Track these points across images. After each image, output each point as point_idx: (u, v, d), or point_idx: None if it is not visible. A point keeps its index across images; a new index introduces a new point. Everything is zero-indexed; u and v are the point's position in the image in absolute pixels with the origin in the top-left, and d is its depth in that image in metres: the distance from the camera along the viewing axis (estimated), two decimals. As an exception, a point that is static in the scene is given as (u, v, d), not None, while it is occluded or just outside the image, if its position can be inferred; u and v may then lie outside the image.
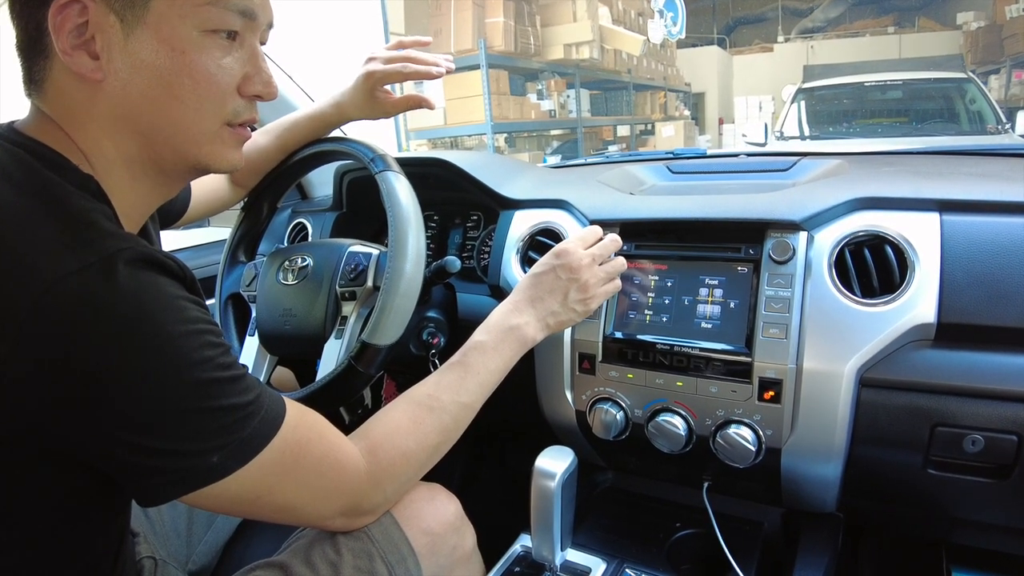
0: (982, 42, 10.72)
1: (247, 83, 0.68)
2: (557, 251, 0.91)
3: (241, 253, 1.12)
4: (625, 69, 9.24)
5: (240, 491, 0.60)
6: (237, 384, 0.59)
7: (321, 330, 0.96)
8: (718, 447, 0.89)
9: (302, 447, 0.64)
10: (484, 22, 6.50)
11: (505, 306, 0.89)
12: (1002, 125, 4.85)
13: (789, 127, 5.56)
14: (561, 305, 0.89)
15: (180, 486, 0.57)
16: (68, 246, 0.52)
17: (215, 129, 0.67)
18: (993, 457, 0.80)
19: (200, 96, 0.63)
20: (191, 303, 0.57)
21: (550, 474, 0.81)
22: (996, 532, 1.00)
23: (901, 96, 5.64)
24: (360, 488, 0.70)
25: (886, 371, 0.82)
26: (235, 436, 0.58)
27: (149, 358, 0.53)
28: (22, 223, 0.53)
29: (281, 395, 0.66)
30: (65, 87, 0.60)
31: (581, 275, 0.89)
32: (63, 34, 0.57)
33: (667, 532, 1.02)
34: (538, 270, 0.91)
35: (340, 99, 1.04)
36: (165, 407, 0.54)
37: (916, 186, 0.92)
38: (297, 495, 0.65)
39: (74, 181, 0.59)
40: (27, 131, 0.61)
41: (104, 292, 0.51)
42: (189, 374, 0.55)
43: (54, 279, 0.50)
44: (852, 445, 0.85)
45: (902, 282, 0.83)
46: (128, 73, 0.60)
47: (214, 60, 0.64)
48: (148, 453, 0.54)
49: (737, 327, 0.89)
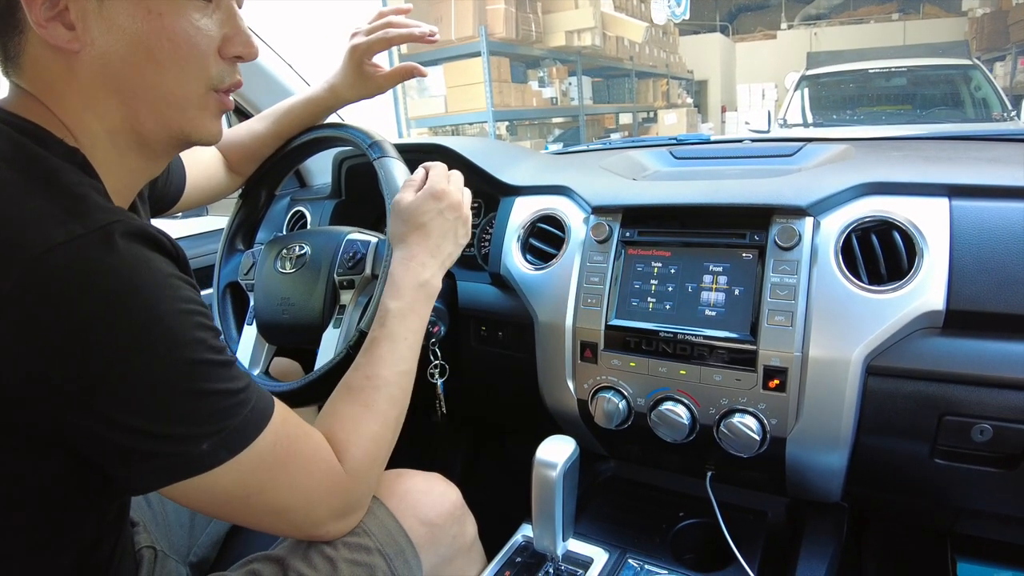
0: (988, 29, 10.62)
1: (227, 44, 0.67)
2: (435, 193, 0.86)
3: (239, 241, 1.11)
4: (627, 56, 9.18)
5: (230, 486, 0.59)
6: (228, 369, 0.58)
7: (319, 319, 0.95)
8: (722, 436, 0.88)
9: (292, 443, 0.63)
10: (485, 9, 6.44)
11: (404, 264, 0.84)
12: (1007, 112, 4.81)
13: (792, 115, 5.52)
14: (454, 245, 0.89)
15: (167, 474, 0.55)
16: (58, 218, 0.51)
17: (200, 93, 0.66)
18: (1001, 447, 0.79)
19: (181, 59, 0.63)
20: (184, 282, 0.56)
21: (551, 464, 0.80)
22: (1002, 522, 0.99)
23: (905, 83, 5.59)
24: (345, 486, 0.69)
25: (894, 359, 0.81)
26: (226, 423, 0.57)
27: (140, 333, 0.51)
28: (10, 195, 0.52)
29: (266, 390, 0.65)
30: (42, 61, 0.59)
31: (463, 210, 0.89)
32: (36, 6, 0.56)
33: (670, 522, 1.02)
34: (423, 219, 0.85)
35: (333, 81, 1.03)
36: (155, 385, 0.53)
37: (925, 171, 0.91)
38: (289, 495, 0.64)
39: (61, 154, 0.58)
40: (9, 108, 0.60)
41: (96, 264, 0.50)
42: (181, 353, 0.53)
43: (43, 250, 0.49)
44: (858, 434, 0.84)
45: (910, 268, 0.82)
46: (105, 41, 0.59)
47: (191, 22, 0.63)
48: (134, 433, 0.53)
49: (742, 315, 0.87)
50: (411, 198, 0.87)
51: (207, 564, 0.95)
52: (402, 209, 0.86)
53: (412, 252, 0.85)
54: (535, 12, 7.06)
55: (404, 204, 0.86)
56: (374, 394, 0.76)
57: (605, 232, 0.99)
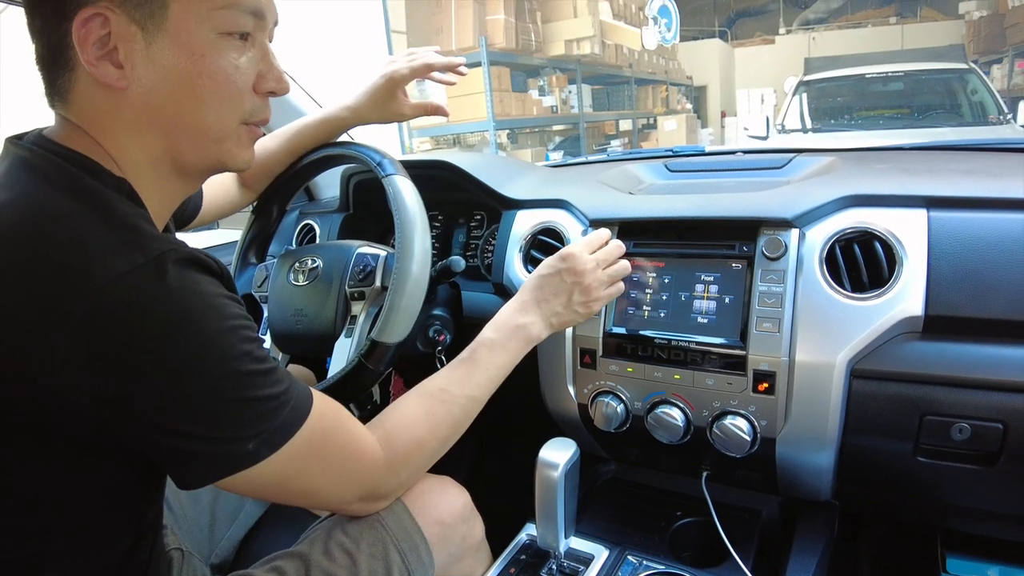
0: (984, 32, 10.66)
1: (261, 80, 0.71)
2: (563, 255, 0.94)
3: (252, 255, 1.15)
4: (626, 64, 9.24)
5: (270, 476, 0.64)
6: (271, 376, 0.62)
7: (332, 329, 0.99)
8: (715, 437, 0.92)
9: (327, 435, 0.68)
10: (485, 19, 6.51)
11: (512, 305, 0.93)
12: (1004, 115, 4.84)
13: (791, 120, 5.55)
14: (565, 307, 0.93)
15: (217, 471, 0.61)
16: (119, 249, 0.56)
17: (234, 127, 0.70)
18: (980, 445, 0.83)
19: (220, 96, 0.66)
20: (230, 300, 0.61)
21: (553, 464, 0.84)
22: (987, 518, 1.03)
23: (903, 88, 5.62)
24: (377, 474, 0.75)
25: (876, 362, 0.85)
26: (269, 424, 0.62)
27: (194, 353, 0.56)
28: (77, 225, 0.56)
29: (307, 386, 0.70)
30: (91, 96, 0.63)
31: (585, 279, 0.93)
32: (87, 47, 0.60)
33: (668, 521, 1.06)
34: (544, 272, 0.94)
35: (355, 103, 1.07)
36: (207, 397, 0.58)
37: (904, 183, 0.95)
38: (321, 480, 0.69)
39: (111, 185, 0.62)
40: (58, 139, 0.63)
41: (154, 291, 0.55)
42: (229, 367, 0.58)
43: (110, 279, 0.54)
44: (844, 434, 0.88)
45: (891, 277, 0.86)
46: (151, 79, 0.63)
47: (230, 61, 0.66)
48: (189, 439, 0.58)
49: (732, 322, 0.92)
50: (548, 259, 0.96)
51: (227, 566, 0.99)
52: (543, 263, 0.96)
53: (523, 297, 0.94)
54: (534, 22, 7.12)
55: (543, 262, 0.96)
56: (438, 407, 0.82)
57: (603, 244, 1.03)
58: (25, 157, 0.61)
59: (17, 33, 0.70)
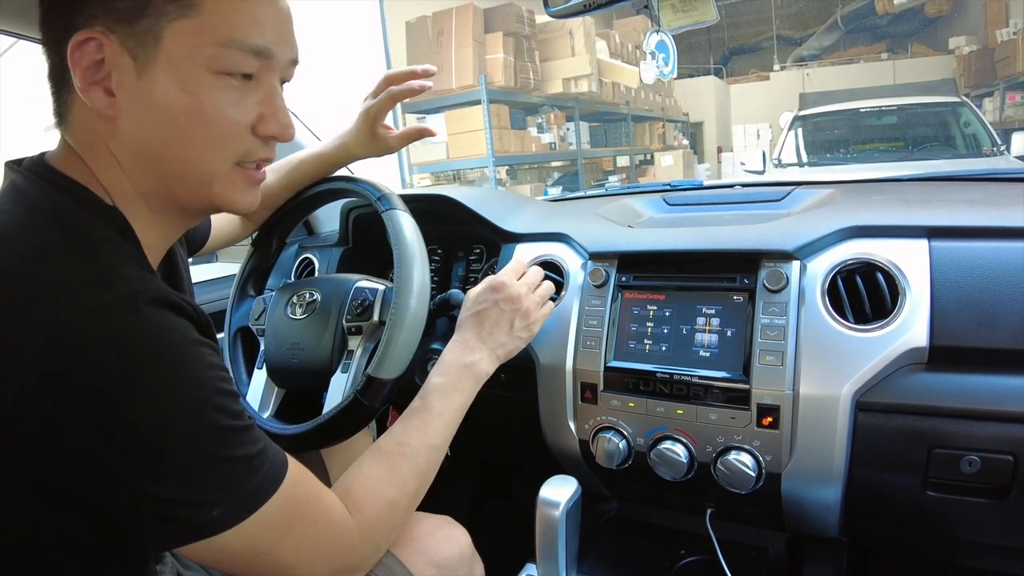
0: (975, 66, 10.86)
1: (262, 123, 0.66)
2: (494, 285, 0.93)
3: (250, 287, 1.14)
4: (624, 101, 9.37)
5: (238, 547, 0.59)
6: (246, 435, 0.58)
7: (328, 363, 0.98)
8: (719, 473, 0.90)
9: (301, 504, 0.63)
10: (484, 58, 6.63)
11: (455, 346, 0.91)
12: (997, 147, 4.89)
13: (787, 154, 5.61)
14: (508, 335, 0.93)
15: (179, 536, 0.56)
16: (87, 282, 0.53)
17: (225, 170, 0.65)
18: (990, 478, 0.81)
19: (209, 137, 0.62)
20: (206, 347, 0.57)
21: (554, 503, 0.83)
22: (999, 553, 1.00)
23: (896, 121, 5.70)
24: (352, 546, 0.69)
25: (882, 395, 0.84)
26: (239, 489, 0.57)
27: (161, 401, 0.52)
28: (44, 256, 0.54)
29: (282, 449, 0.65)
30: (86, 120, 0.61)
31: (522, 303, 0.93)
32: (80, 70, 0.58)
33: (672, 559, 1.03)
34: (479, 307, 0.93)
35: (343, 140, 1.06)
36: (171, 453, 0.53)
37: (904, 214, 0.95)
38: (295, 554, 0.63)
39: (99, 215, 0.59)
40: (54, 163, 0.62)
41: (121, 330, 0.51)
42: (200, 420, 0.54)
43: (68, 315, 0.50)
44: (851, 468, 0.87)
45: (893, 307, 0.86)
46: (140, 112, 0.60)
47: (226, 102, 0.62)
48: (148, 499, 0.53)
49: (734, 355, 0.91)
50: (477, 290, 0.95)
51: None
52: (468, 298, 0.95)
53: (464, 336, 0.92)
54: (533, 61, 7.24)
55: (470, 295, 0.95)
56: (400, 461, 0.77)
57: (602, 277, 1.03)
58: (17, 183, 0.60)
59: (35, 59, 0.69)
